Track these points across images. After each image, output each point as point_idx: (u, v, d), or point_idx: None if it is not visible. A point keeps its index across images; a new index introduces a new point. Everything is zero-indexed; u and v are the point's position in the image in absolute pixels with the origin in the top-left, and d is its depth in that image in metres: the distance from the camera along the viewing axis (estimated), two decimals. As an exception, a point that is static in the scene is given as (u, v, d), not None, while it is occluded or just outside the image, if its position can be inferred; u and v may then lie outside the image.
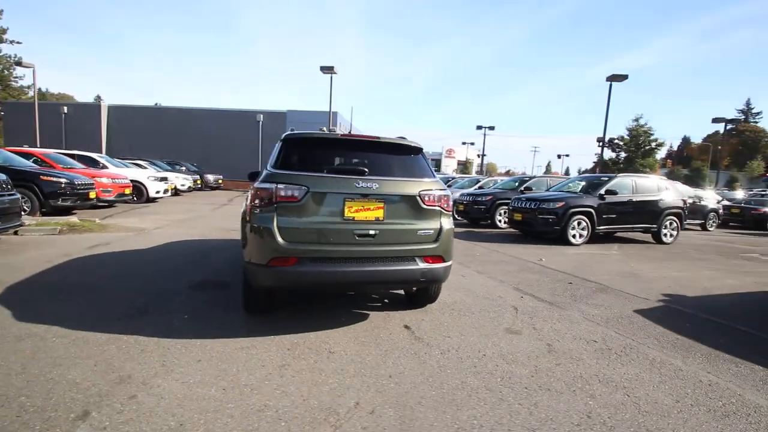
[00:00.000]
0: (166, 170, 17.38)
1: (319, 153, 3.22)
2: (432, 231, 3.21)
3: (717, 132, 75.41)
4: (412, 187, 3.19)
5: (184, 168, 20.83)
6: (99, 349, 2.74)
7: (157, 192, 13.51)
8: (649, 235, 9.84)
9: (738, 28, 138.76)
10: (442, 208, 3.27)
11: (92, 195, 9.28)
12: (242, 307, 3.55)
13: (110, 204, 11.08)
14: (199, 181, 20.03)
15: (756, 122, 72.73)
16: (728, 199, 17.57)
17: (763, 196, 19.09)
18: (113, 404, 2.11)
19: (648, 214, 9.40)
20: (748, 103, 76.50)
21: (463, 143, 54.71)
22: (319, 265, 2.92)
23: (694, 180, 40.59)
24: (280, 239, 2.88)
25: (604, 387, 2.59)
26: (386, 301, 4.16)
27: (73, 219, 7.75)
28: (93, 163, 12.34)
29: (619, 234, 10.04)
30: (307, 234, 2.93)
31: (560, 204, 8.73)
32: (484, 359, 2.90)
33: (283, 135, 3.27)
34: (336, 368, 2.66)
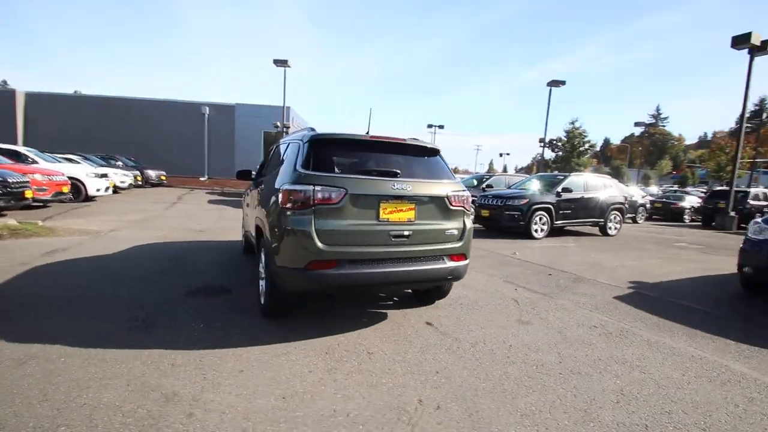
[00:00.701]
0: (102, 166, 15.74)
1: (348, 154, 3.18)
2: (457, 231, 3.33)
3: (633, 134, 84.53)
4: (441, 188, 3.28)
5: (120, 163, 18.95)
6: (123, 366, 2.50)
7: (98, 190, 12.21)
8: (597, 228, 10.86)
9: (648, 40, 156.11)
10: (465, 208, 3.40)
11: (28, 194, 8.18)
12: (263, 313, 3.41)
13: (44, 204, 9.84)
14: (139, 178, 18.35)
15: (664, 126, 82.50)
16: (649, 195, 19.85)
17: (677, 192, 21.81)
18: (173, 425, 1.97)
19: (596, 209, 10.38)
20: (657, 109, 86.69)
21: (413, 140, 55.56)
22: (358, 266, 2.91)
23: (614, 177, 45.21)
24: (318, 242, 2.82)
25: (622, 367, 2.89)
26: (396, 299, 4.21)
27: (11, 222, 6.79)
28: (18, 157, 10.83)
29: (568, 228, 10.95)
30: (345, 236, 2.90)
31: (524, 201, 9.33)
32: (513, 349, 3.09)
33: (308, 135, 3.17)
34: (383, 368, 2.68)
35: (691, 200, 18.10)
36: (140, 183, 18.59)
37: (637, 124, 29.47)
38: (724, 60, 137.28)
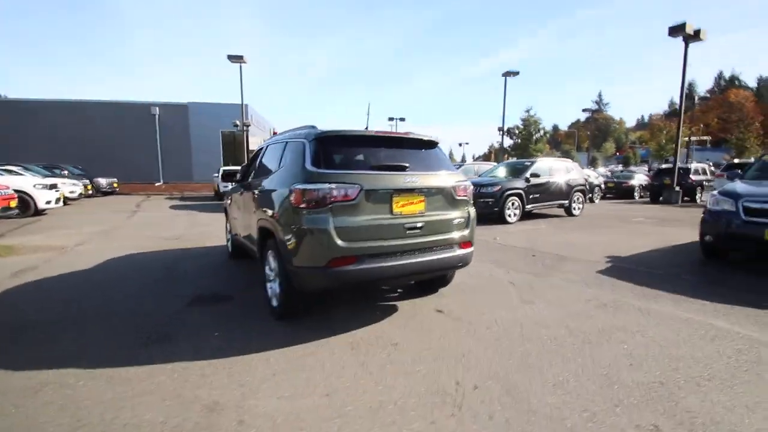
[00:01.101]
0: (47, 176, 14.49)
1: (355, 150, 3.18)
2: (463, 219, 3.45)
3: (579, 120, 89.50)
4: (446, 179, 3.38)
5: (66, 172, 17.54)
6: (150, 382, 2.40)
7: (47, 202, 11.26)
8: (562, 209, 11.50)
9: (589, 30, 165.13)
10: (468, 197, 3.52)
11: (-27, 212, 7.42)
12: (276, 315, 3.36)
13: (-11, 221, 8.96)
14: (89, 187, 17.09)
15: (606, 111, 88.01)
16: (602, 176, 21.21)
17: (625, 172, 23.43)
18: (227, 433, 1.93)
19: (562, 191, 10.98)
20: (600, 95, 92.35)
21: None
22: (377, 261, 2.94)
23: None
24: (338, 239, 2.82)
25: (624, 333, 3.15)
26: (400, 290, 4.29)
27: (-41, 243, 6.15)
28: (-49, 171, 9.77)
29: (536, 211, 11.51)
30: (362, 231, 2.92)
31: (497, 188, 9.70)
32: (525, 328, 3.26)
33: (313, 133, 3.14)
34: (412, 357, 2.75)
35: (640, 178, 19.56)
36: (91, 192, 17.33)
37: (585, 110, 31.47)
38: (656, 48, 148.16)
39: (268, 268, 3.56)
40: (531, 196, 10.25)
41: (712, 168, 18.96)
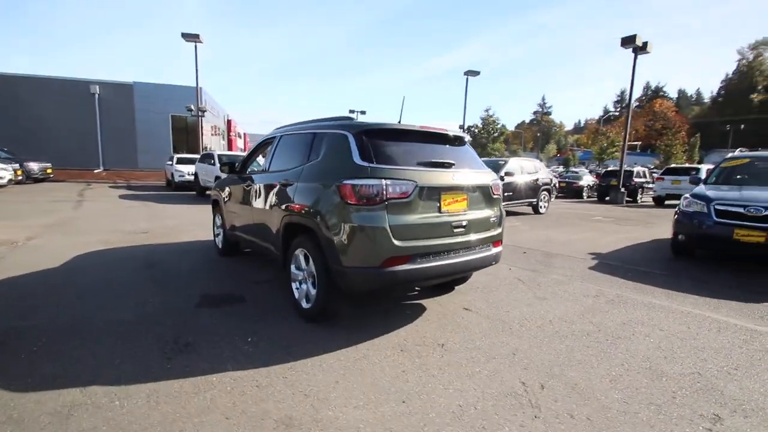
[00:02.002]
0: (-36, 158, 12.55)
1: (401, 145, 3.05)
2: (497, 218, 3.48)
3: (524, 121, 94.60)
4: (485, 177, 3.37)
5: (-12, 155, 15.33)
6: (202, 398, 2.16)
7: (-27, 189, 9.78)
8: (530, 207, 12.08)
9: (536, 36, 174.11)
10: (499, 195, 3.55)
11: None
12: (308, 317, 3.17)
13: None
14: (20, 172, 15.07)
15: (549, 113, 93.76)
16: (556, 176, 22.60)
17: (575, 172, 25.13)
18: (319, 450, 1.79)
19: (531, 190, 11.54)
20: (543, 99, 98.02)
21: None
22: (428, 260, 2.87)
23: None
24: (394, 238, 2.71)
25: (644, 327, 3.36)
26: (417, 290, 4.24)
27: None
28: None
29: (506, 209, 11.96)
30: (415, 230, 2.83)
31: (475, 185, 9.95)
32: (555, 324, 3.37)
33: (357, 125, 2.98)
34: (466, 357, 2.73)
35: (588, 179, 21.09)
36: (21, 179, 15.30)
37: (534, 113, 33.28)
38: (594, 56, 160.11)
39: (295, 267, 3.35)
40: (506, 194, 10.63)
41: (653, 171, 20.89)
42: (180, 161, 16.92)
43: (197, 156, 17.44)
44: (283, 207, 3.40)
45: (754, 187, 5.68)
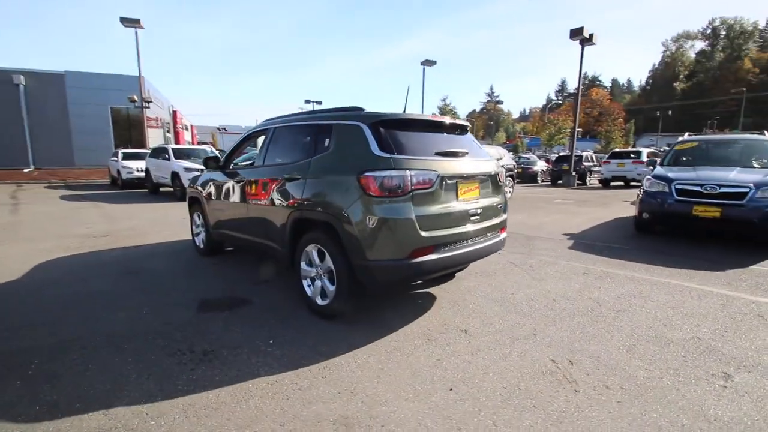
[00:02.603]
0: None
1: (416, 135, 3.00)
2: (502, 204, 3.56)
3: (474, 110, 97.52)
4: (492, 165, 3.43)
5: None
6: (245, 407, 2.04)
7: None
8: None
9: (480, 29, 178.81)
10: (503, 182, 3.64)
11: None
12: (327, 313, 3.09)
13: None
14: (-68, 175, 13.17)
15: (501, 102, 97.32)
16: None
17: (523, 158, 26.26)
18: (388, 446, 1.76)
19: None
20: (491, 89, 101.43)
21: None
22: (450, 249, 2.89)
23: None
24: (420, 229, 2.69)
25: (637, 300, 3.63)
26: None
27: None
28: None
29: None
30: (438, 220, 2.82)
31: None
32: (558, 302, 3.55)
33: (371, 116, 2.89)
34: (493, 341, 2.81)
35: (541, 164, 22.24)
36: (-67, 182, 13.39)
37: (484, 102, 34.45)
38: (536, 48, 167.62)
39: (306, 264, 3.24)
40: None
41: (599, 156, 22.40)
42: (127, 157, 15.63)
43: (146, 150, 16.24)
44: (291, 202, 3.26)
45: (707, 168, 6.28)
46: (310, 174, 3.11)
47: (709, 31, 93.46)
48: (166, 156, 12.57)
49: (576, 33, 16.87)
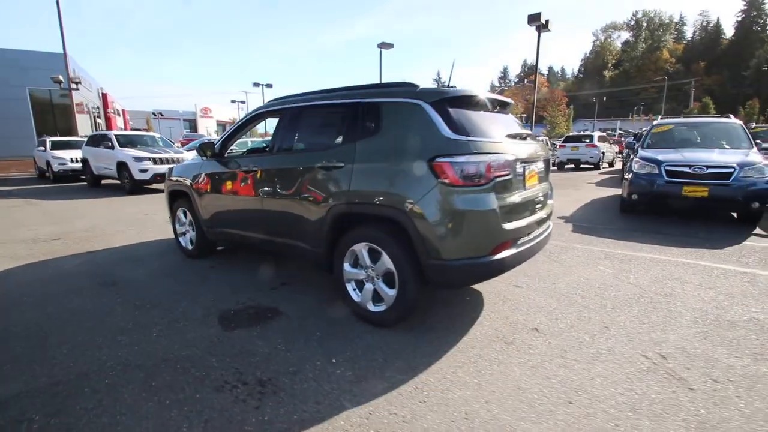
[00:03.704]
0: None
1: (480, 115, 2.63)
2: (551, 191, 3.36)
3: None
4: (545, 149, 3.20)
5: None
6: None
7: None
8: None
9: (427, 14, 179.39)
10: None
11: None
12: (389, 322, 2.71)
13: None
14: None
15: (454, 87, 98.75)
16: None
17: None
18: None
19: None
20: (438, 74, 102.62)
21: (233, 101, 49.85)
22: (524, 242, 2.62)
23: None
24: (502, 222, 2.39)
25: (673, 282, 3.63)
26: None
27: None
28: None
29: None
30: (514, 210, 2.53)
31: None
32: (606, 289, 3.45)
33: (432, 92, 2.49)
34: (571, 339, 2.62)
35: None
36: None
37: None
38: (479, 37, 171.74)
39: (351, 265, 2.83)
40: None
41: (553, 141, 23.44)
42: (57, 146, 13.66)
43: (81, 139, 14.33)
44: (331, 194, 2.80)
45: (688, 150, 6.61)
46: (358, 160, 2.66)
47: (633, 22, 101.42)
48: (109, 144, 11.11)
49: (533, 19, 17.24)
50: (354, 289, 2.85)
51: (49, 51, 17.86)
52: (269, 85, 33.64)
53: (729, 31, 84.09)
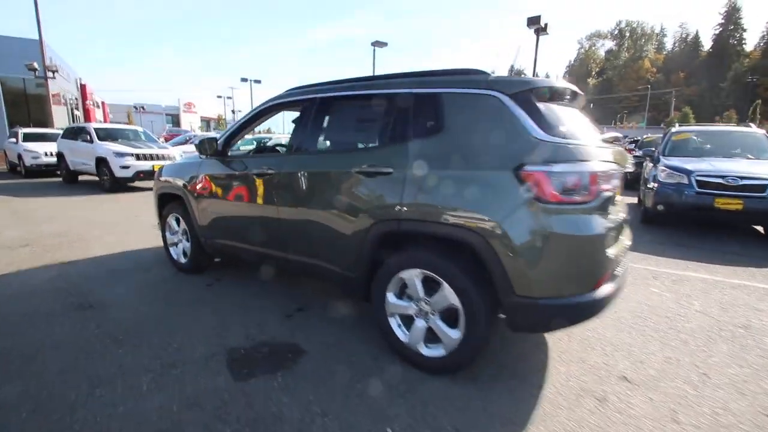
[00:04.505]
0: None
1: (564, 112, 2.12)
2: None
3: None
4: (627, 156, 2.70)
5: None
6: None
7: None
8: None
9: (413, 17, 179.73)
10: None
11: None
12: (450, 366, 2.17)
13: None
14: None
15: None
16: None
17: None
18: None
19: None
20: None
21: (219, 96, 48.45)
22: (617, 275, 2.10)
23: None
24: (607, 248, 1.88)
25: (745, 310, 3.20)
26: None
27: None
28: None
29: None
30: (612, 233, 2.02)
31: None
32: (675, 319, 3.00)
33: (513, 83, 1.98)
34: (674, 394, 2.13)
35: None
36: None
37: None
38: (462, 37, 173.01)
39: (395, 296, 2.28)
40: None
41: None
42: (29, 138, 12.62)
43: (56, 131, 13.34)
44: (374, 207, 2.24)
45: (716, 159, 6.28)
46: (414, 165, 2.11)
47: (616, 32, 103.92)
48: (87, 137, 10.22)
49: (533, 21, 17.00)
50: (399, 325, 2.30)
51: (23, 37, 16.65)
52: (258, 81, 32.59)
53: (707, 43, 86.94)
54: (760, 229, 6.24)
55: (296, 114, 3.86)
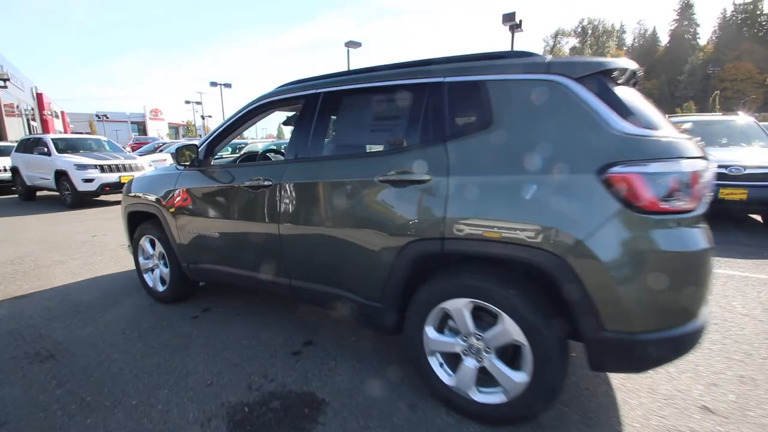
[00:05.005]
0: None
1: (639, 99, 1.72)
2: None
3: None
4: None
5: None
6: None
7: None
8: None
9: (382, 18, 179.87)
10: None
11: None
12: (504, 416, 1.77)
13: None
14: None
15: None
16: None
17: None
18: None
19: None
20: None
21: (187, 102, 46.61)
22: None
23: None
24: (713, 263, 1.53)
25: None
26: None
27: None
28: None
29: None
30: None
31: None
32: (725, 326, 2.73)
33: (580, 64, 1.60)
34: (720, 390, 1.80)
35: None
36: None
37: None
38: (440, 37, 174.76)
39: (434, 329, 1.87)
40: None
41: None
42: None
43: (9, 144, 12.24)
44: (407, 223, 1.82)
45: (713, 148, 6.19)
46: (454, 171, 1.72)
47: (579, 29, 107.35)
48: (45, 150, 9.32)
49: (508, 18, 16.98)
50: (441, 365, 1.89)
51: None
52: (227, 85, 31.33)
53: (664, 38, 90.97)
54: (757, 218, 6.20)
55: (287, 114, 3.40)
